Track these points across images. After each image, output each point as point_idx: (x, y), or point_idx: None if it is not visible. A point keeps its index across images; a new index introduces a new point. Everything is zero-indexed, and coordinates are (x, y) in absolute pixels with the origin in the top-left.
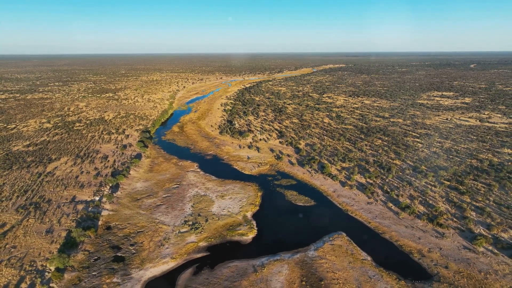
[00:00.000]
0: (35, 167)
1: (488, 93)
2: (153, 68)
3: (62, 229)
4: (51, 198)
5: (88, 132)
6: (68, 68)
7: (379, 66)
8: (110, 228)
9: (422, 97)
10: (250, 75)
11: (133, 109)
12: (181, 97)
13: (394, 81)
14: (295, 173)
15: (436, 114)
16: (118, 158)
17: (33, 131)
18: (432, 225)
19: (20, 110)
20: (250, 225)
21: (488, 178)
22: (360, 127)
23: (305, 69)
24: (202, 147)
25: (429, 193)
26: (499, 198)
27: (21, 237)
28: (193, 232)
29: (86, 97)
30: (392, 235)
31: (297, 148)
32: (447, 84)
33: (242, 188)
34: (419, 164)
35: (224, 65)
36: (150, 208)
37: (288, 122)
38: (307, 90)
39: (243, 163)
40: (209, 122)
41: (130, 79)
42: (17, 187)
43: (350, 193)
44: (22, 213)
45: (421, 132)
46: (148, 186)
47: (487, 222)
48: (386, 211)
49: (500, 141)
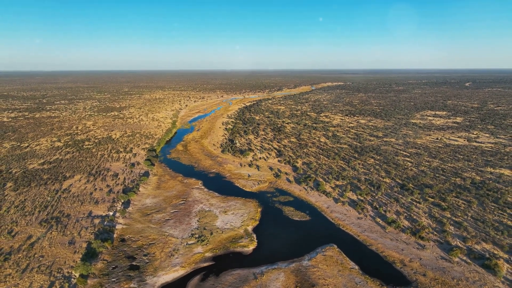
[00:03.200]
0: (51, 184)
1: (479, 112)
2: (155, 85)
3: (83, 241)
4: (69, 213)
5: (97, 151)
6: (72, 86)
7: (376, 84)
8: (124, 240)
9: (416, 117)
10: (250, 93)
11: (139, 128)
12: (184, 116)
13: (390, 100)
14: (292, 190)
15: (427, 133)
16: (128, 175)
17: (46, 149)
18: (415, 238)
19: (31, 129)
20: (251, 238)
21: (469, 195)
22: (355, 146)
23: (304, 87)
24: (205, 165)
25: (413, 209)
26: (476, 213)
27: (47, 248)
28: (200, 244)
29: (93, 115)
30: (378, 247)
31: (294, 166)
32: (441, 103)
33: (243, 204)
34: (407, 182)
35: (225, 82)
36: (160, 222)
37: (286, 141)
38: (305, 109)
39: (244, 181)
40: (211, 140)
41: (134, 97)
42: (37, 202)
43: (342, 209)
44: (45, 226)
45: (412, 152)
46: (157, 202)
47: (463, 235)
48: (374, 225)
49: (484, 160)
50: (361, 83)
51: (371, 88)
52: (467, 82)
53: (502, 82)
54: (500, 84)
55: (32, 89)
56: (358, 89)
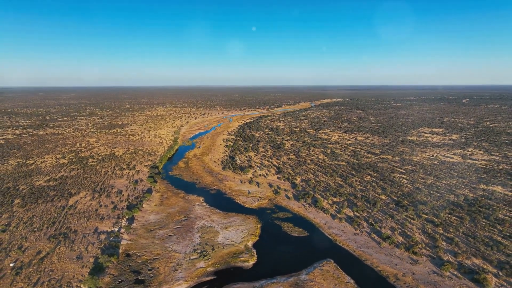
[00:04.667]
0: (58, 201)
1: (475, 129)
2: (156, 102)
3: (90, 256)
4: (76, 229)
5: (101, 168)
6: (74, 102)
7: (375, 101)
8: (129, 255)
9: (413, 134)
10: (250, 110)
11: (141, 145)
12: (185, 132)
13: (387, 117)
14: (291, 207)
15: (423, 150)
16: (132, 192)
17: (51, 166)
18: (408, 253)
19: (35, 146)
20: (251, 253)
21: (462, 211)
22: (352, 163)
23: (303, 103)
24: (206, 182)
25: (408, 225)
26: (468, 229)
27: (56, 263)
28: (202, 259)
29: (96, 132)
30: (373, 261)
31: (293, 183)
32: (438, 120)
33: (244, 221)
34: (402, 199)
35: (225, 99)
36: (163, 238)
37: (285, 158)
38: (305, 125)
39: (244, 197)
40: (212, 157)
41: (136, 114)
42: (45, 218)
43: (339, 225)
44: (54, 242)
45: (408, 169)
46: (160, 219)
47: (454, 251)
48: (370, 241)
49: (478, 177)
50: (359, 99)
51: (369, 104)
52: (465, 98)
53: (499, 99)
54: (497, 101)
55: (34, 105)
56: (357, 105)
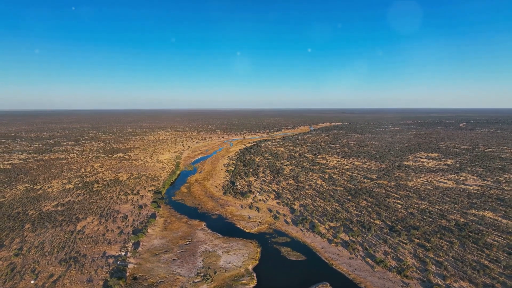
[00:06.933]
0: (66, 226)
1: (470, 154)
2: (158, 126)
3: (100, 279)
4: (85, 253)
5: (107, 193)
6: (77, 126)
7: (373, 125)
8: (136, 278)
9: (409, 159)
10: (251, 134)
11: (144, 170)
12: (186, 157)
13: (385, 141)
14: (290, 232)
15: (418, 176)
16: (136, 217)
17: (58, 191)
18: (400, 276)
19: (41, 171)
20: (251, 276)
21: (452, 236)
22: (349, 189)
23: (302, 127)
24: (208, 207)
25: (400, 249)
26: (457, 254)
27: (68, 285)
28: (205, 282)
29: (99, 157)
30: (367, 285)
31: (292, 208)
32: (434, 145)
33: (244, 245)
34: (396, 224)
35: (225, 122)
36: (168, 262)
37: (284, 184)
38: (303, 150)
39: (244, 222)
40: (213, 182)
41: (138, 138)
42: (55, 243)
43: (335, 249)
44: (65, 266)
45: (402, 194)
46: (164, 243)
47: (443, 274)
48: (364, 265)
49: (470, 203)
50: (358, 123)
51: (367, 128)
52: (462, 122)
53: (495, 123)
54: (494, 125)
55: (38, 129)
56: (355, 129)
